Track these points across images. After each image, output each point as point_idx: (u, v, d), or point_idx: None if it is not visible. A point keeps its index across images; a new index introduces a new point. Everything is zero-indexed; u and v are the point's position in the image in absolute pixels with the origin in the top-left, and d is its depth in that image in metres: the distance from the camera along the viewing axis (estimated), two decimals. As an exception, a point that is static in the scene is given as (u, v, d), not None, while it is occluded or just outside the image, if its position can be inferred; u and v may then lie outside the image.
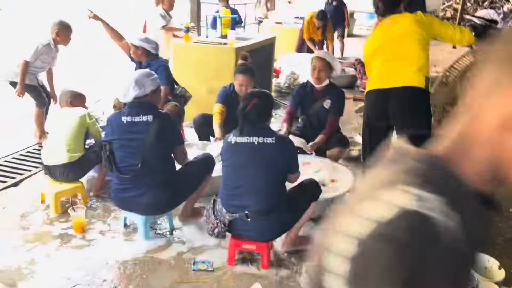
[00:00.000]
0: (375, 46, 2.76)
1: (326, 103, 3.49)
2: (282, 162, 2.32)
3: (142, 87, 2.50)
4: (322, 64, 3.38)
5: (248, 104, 2.30)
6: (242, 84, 3.43)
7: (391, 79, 2.64)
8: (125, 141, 2.49)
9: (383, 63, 2.69)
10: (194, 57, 4.42)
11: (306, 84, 3.59)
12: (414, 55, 2.60)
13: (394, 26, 2.69)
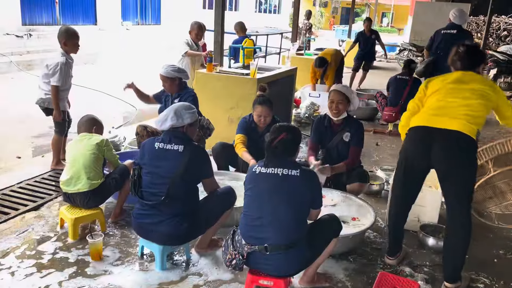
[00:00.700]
0: (438, 87, 2.58)
1: (345, 136, 3.47)
2: (305, 196, 2.28)
3: (180, 118, 2.55)
4: (340, 97, 3.37)
5: (275, 138, 2.29)
6: (261, 115, 3.44)
7: (443, 120, 2.44)
8: (153, 167, 2.51)
9: (440, 102, 2.51)
10: (216, 86, 4.48)
11: (325, 118, 3.58)
12: (474, 107, 2.42)
13: (466, 77, 2.54)
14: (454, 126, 2.38)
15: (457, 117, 2.40)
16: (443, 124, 2.41)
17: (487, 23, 11.02)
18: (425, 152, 2.48)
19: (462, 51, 2.57)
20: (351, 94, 3.43)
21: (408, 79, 5.93)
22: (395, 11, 37.52)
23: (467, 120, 2.38)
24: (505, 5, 16.54)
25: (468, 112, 2.40)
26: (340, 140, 3.50)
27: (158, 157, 2.50)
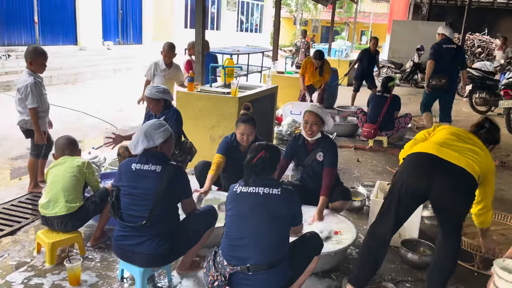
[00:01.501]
0: (450, 129, 2.62)
1: (319, 156, 3.47)
2: (286, 214, 2.29)
3: (151, 139, 2.51)
4: (314, 119, 3.38)
5: (254, 157, 2.31)
6: (244, 133, 3.46)
7: (451, 153, 2.37)
8: (131, 189, 2.47)
9: (449, 138, 2.49)
10: (198, 105, 4.49)
11: (299, 137, 3.59)
12: (480, 157, 2.42)
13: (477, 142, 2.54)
14: (462, 163, 2.34)
15: (465, 156, 2.37)
16: (451, 158, 2.35)
17: (462, 41, 11.37)
18: (426, 179, 2.38)
19: (487, 126, 2.64)
20: (325, 116, 3.44)
21: (387, 96, 6.04)
22: (373, 29, 38.38)
23: (473, 161, 2.36)
24: (478, 23, 17.15)
25: (475, 157, 2.40)
26: (314, 159, 3.50)
27: (135, 178, 2.47)
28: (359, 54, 9.15)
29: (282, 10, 33.41)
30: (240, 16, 27.04)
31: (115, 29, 16.20)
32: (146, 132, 2.52)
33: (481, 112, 9.19)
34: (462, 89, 7.16)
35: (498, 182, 5.00)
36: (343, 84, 9.62)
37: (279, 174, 3.53)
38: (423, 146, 2.50)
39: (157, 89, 3.76)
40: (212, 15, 23.98)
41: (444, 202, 2.39)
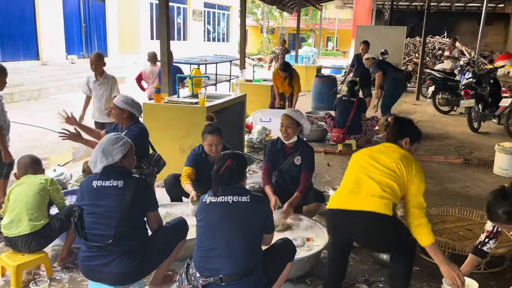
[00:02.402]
0: (356, 159, 2.58)
1: (297, 160, 3.57)
2: (257, 222, 2.28)
3: (110, 156, 2.43)
4: (289, 121, 3.48)
5: (221, 166, 2.30)
6: (212, 144, 3.44)
7: (358, 200, 2.40)
8: (93, 207, 2.38)
9: (353, 177, 2.50)
10: (165, 117, 4.44)
11: (277, 141, 3.66)
12: (386, 185, 2.39)
13: (384, 150, 2.55)
14: (371, 206, 2.35)
15: (372, 194, 2.36)
16: (359, 205, 2.38)
17: (423, 44, 11.74)
18: (345, 234, 2.53)
19: (390, 122, 2.66)
20: (301, 119, 3.52)
21: (353, 100, 6.15)
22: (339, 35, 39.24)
23: (381, 197, 2.35)
24: (437, 26, 17.77)
25: (391, 177, 2.38)
26: (291, 163, 3.58)
27: (98, 196, 2.38)
28: (352, 61, 9.03)
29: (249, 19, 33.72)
30: (207, 26, 27.05)
31: (79, 43, 15.88)
32: (104, 150, 2.42)
33: (444, 112, 9.50)
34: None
35: (463, 179, 5.18)
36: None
37: (267, 179, 3.55)
38: (336, 200, 2.50)
39: (124, 98, 3.64)
40: (178, 25, 23.90)
41: (369, 243, 2.64)
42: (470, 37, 17.79)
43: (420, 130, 2.75)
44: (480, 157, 5.99)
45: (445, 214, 3.65)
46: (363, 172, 2.46)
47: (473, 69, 9.09)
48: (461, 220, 3.54)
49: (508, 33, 19.53)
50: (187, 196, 3.70)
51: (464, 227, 3.41)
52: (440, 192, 4.68)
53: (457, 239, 3.19)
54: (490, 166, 5.52)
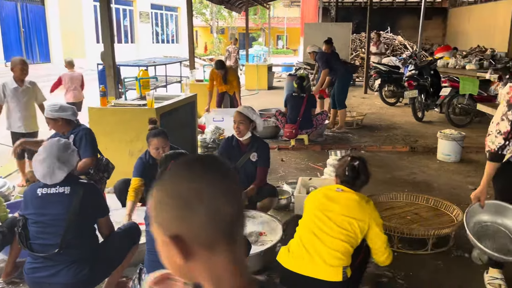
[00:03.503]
0: (312, 206, 2.44)
1: (252, 156, 3.59)
2: None
3: (68, 163, 2.32)
4: (240, 118, 3.51)
5: (166, 168, 2.25)
6: (158, 148, 3.35)
7: (312, 265, 2.28)
8: (38, 216, 2.27)
9: (308, 234, 2.35)
10: (112, 120, 4.31)
11: (232, 138, 3.67)
12: (337, 243, 2.28)
13: (340, 198, 2.40)
14: (322, 274, 2.25)
15: (324, 261, 2.25)
16: (311, 272, 2.26)
17: (367, 39, 12.13)
18: None
19: (347, 163, 2.47)
20: (253, 115, 3.54)
21: (303, 96, 6.26)
22: (288, 33, 39.76)
23: (332, 265, 2.25)
24: (381, 22, 18.42)
25: (333, 257, 2.26)
26: (247, 160, 3.60)
27: (43, 204, 2.28)
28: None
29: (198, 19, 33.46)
30: (155, 28, 26.58)
31: (18, 48, 15.13)
32: (60, 157, 2.29)
33: (391, 104, 9.88)
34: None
35: (409, 166, 5.40)
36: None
37: None
38: (289, 259, 2.35)
39: (51, 107, 3.47)
40: (125, 28, 23.33)
41: None
42: (412, 31, 18.56)
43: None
44: (424, 145, 6.27)
45: (393, 200, 3.79)
46: (317, 230, 2.32)
47: (415, 62, 9.49)
48: (408, 205, 3.70)
49: (446, 27, 20.60)
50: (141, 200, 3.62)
51: (411, 211, 3.57)
52: (389, 180, 4.86)
53: (405, 224, 3.33)
54: (434, 153, 5.80)
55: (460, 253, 3.18)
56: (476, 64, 10.02)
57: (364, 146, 6.28)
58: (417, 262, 3.06)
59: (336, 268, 2.25)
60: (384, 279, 2.84)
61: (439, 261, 3.07)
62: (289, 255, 2.36)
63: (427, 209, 3.61)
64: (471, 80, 7.43)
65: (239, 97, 7.58)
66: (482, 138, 6.67)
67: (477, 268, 2.98)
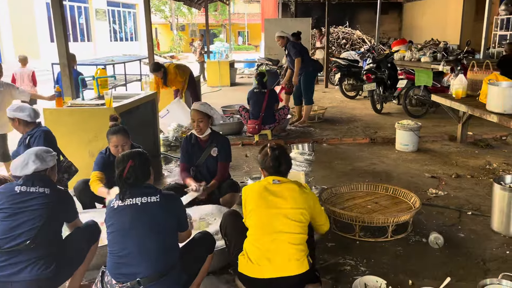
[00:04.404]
0: (256, 206, 2.39)
1: (213, 151, 3.63)
2: (169, 220, 2.25)
3: (44, 161, 2.44)
4: (199, 116, 3.51)
5: (124, 169, 2.22)
6: (118, 145, 3.31)
7: (273, 266, 2.26)
8: (15, 210, 2.28)
9: (263, 237, 2.32)
10: (70, 121, 4.18)
11: (191, 136, 3.66)
12: (296, 236, 2.31)
13: (281, 191, 2.40)
14: (290, 271, 2.25)
15: (289, 259, 2.26)
16: (278, 272, 2.25)
17: (327, 34, 12.33)
18: None
19: (269, 153, 2.48)
20: (210, 110, 3.57)
21: (265, 91, 6.30)
22: (249, 29, 39.81)
23: (297, 259, 2.27)
24: (339, 17, 18.78)
25: (296, 250, 2.28)
26: (209, 156, 3.62)
27: (21, 200, 2.31)
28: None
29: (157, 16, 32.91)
30: (112, 26, 25.91)
31: (-33, 49, 14.36)
32: (37, 154, 2.45)
33: (351, 97, 10.10)
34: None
35: (369, 156, 5.56)
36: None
37: (186, 175, 3.56)
38: (250, 268, 2.31)
39: (11, 106, 3.56)
40: (81, 26, 22.61)
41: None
42: (369, 25, 19.05)
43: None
44: (384, 136, 6.46)
45: (354, 191, 3.89)
46: (274, 231, 2.30)
47: (373, 55, 9.74)
48: (368, 194, 3.81)
49: (401, 21, 21.25)
50: (99, 200, 3.55)
51: (372, 200, 3.67)
52: (350, 172, 4.98)
53: (366, 213, 3.43)
54: (392, 143, 5.99)
55: (418, 238, 3.31)
56: (430, 56, 10.42)
57: (326, 139, 6.40)
58: (378, 249, 3.16)
59: (302, 260, 2.29)
60: (347, 267, 2.92)
61: (399, 247, 3.19)
62: (252, 264, 2.30)
63: (387, 197, 3.73)
64: (426, 72, 7.71)
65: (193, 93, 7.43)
66: (438, 128, 7.00)
67: (433, 251, 3.12)
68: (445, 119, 7.05)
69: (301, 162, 4.12)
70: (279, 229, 2.31)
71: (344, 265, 2.94)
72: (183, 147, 3.70)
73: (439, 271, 2.82)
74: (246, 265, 2.33)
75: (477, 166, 5.03)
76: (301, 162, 4.12)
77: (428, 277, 2.75)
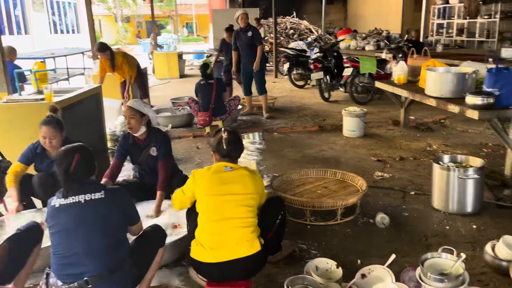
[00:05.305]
0: (208, 193, 2.39)
1: (152, 151, 3.47)
2: (116, 216, 2.18)
3: None
4: (130, 112, 3.34)
5: (70, 165, 2.12)
6: (46, 137, 3.17)
7: (227, 250, 2.28)
8: None
9: (214, 223, 2.34)
10: (7, 118, 3.94)
11: (129, 135, 3.52)
12: (246, 220, 2.34)
13: (233, 177, 2.42)
14: (243, 252, 2.28)
15: (242, 240, 2.29)
16: (232, 255, 2.27)
17: (274, 24, 12.41)
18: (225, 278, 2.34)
19: (225, 137, 2.49)
20: (144, 108, 3.41)
21: (212, 82, 6.24)
22: (197, 20, 39.22)
23: (250, 239, 2.30)
24: (286, 8, 18.92)
25: (250, 231, 2.32)
26: (149, 156, 3.48)
27: None
28: (219, 46, 8.19)
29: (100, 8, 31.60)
30: (52, 17, 24.61)
31: None
32: None
33: (300, 86, 10.26)
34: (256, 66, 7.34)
35: (318, 143, 5.69)
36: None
37: (113, 176, 3.42)
38: (203, 253, 2.31)
39: None
40: (17, 18, 21.30)
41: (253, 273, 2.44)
42: (316, 15, 19.34)
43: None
44: (332, 123, 6.63)
45: (304, 177, 3.98)
46: (225, 217, 2.32)
47: (320, 45, 9.92)
48: (318, 180, 3.90)
49: (346, 11, 21.77)
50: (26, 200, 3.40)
51: (321, 185, 3.77)
52: (300, 159, 5.08)
53: (316, 197, 3.51)
54: (340, 130, 6.16)
55: (366, 219, 3.44)
56: (374, 45, 10.76)
57: (277, 128, 6.47)
58: (329, 232, 3.26)
59: (252, 240, 2.32)
60: (297, 250, 2.98)
61: (348, 229, 3.30)
62: (203, 249, 2.31)
63: (335, 182, 3.84)
64: (370, 60, 7.96)
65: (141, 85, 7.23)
66: (383, 113, 7.26)
67: (380, 231, 3.26)
68: (389, 105, 7.34)
69: (252, 151, 4.14)
70: (230, 215, 2.33)
71: (296, 249, 3.00)
72: (120, 145, 3.53)
73: (385, 249, 2.95)
74: (198, 251, 2.33)
75: (419, 149, 5.30)
76: (252, 151, 4.15)
77: (375, 256, 2.87)
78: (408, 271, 2.49)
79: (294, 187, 3.75)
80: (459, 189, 3.40)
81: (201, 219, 2.39)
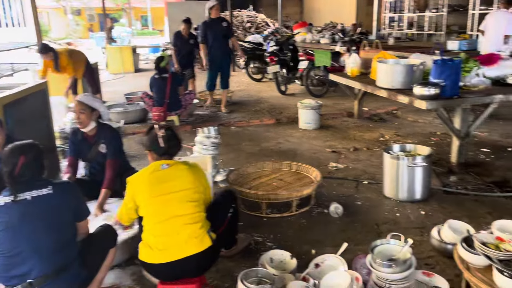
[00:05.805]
0: (149, 195, 2.29)
1: (101, 148, 3.36)
2: (65, 212, 2.10)
3: None
4: (80, 107, 3.23)
5: (15, 166, 2.01)
6: None
7: (177, 249, 2.22)
8: None
9: (160, 225, 2.26)
10: None
11: (78, 131, 3.39)
12: (192, 216, 2.28)
13: (171, 174, 2.34)
14: (194, 249, 2.22)
15: (190, 237, 2.23)
16: (182, 253, 2.21)
17: (230, 18, 12.32)
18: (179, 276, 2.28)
19: (170, 135, 2.41)
20: (94, 103, 3.30)
21: (166, 76, 6.11)
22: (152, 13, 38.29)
23: (199, 235, 2.24)
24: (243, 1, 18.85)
25: (199, 228, 2.26)
26: (98, 153, 3.37)
27: None
28: (174, 40, 7.75)
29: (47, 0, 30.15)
30: (-5, 10, 23.24)
31: None
32: None
33: (257, 80, 10.27)
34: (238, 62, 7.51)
35: (275, 136, 5.72)
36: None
37: (72, 171, 3.34)
38: (151, 254, 2.24)
39: None
40: (-46, 10, 19.95)
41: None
42: (272, 9, 19.36)
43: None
44: (288, 116, 6.68)
45: (261, 170, 3.98)
46: (170, 217, 2.25)
47: (276, 38, 9.94)
48: (274, 172, 3.92)
49: (303, 4, 21.97)
50: None
51: (277, 178, 3.79)
52: (258, 152, 5.08)
53: (272, 190, 3.53)
54: (296, 122, 6.22)
55: (320, 210, 3.50)
56: (329, 38, 10.93)
57: (234, 122, 6.45)
58: (284, 224, 3.28)
59: (201, 236, 2.26)
60: (253, 243, 2.99)
61: (303, 220, 3.34)
62: (151, 251, 2.24)
63: (291, 174, 3.87)
64: (324, 53, 8.07)
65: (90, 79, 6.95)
66: (338, 105, 7.39)
67: (334, 220, 3.33)
68: (343, 97, 7.48)
69: (207, 146, 4.10)
70: (175, 213, 2.26)
71: (251, 242, 3.00)
72: (70, 141, 3.43)
73: (339, 238, 3.01)
74: (146, 253, 2.26)
75: (372, 139, 5.44)
76: (207, 145, 4.10)
77: (329, 245, 2.92)
78: (359, 259, 2.55)
79: (250, 180, 3.75)
80: (408, 177, 3.52)
81: (146, 222, 2.31)
